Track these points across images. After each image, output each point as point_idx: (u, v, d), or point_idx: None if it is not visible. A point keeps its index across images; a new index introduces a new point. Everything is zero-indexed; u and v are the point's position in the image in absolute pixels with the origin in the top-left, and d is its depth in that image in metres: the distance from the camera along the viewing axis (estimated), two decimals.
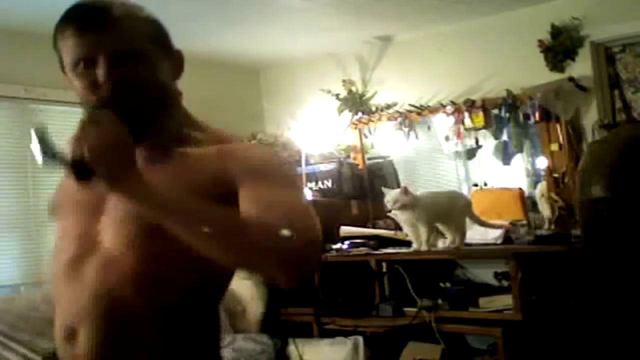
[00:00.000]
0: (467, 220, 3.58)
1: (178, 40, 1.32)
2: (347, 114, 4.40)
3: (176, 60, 1.24)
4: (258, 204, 1.06)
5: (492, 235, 3.58)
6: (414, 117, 4.14)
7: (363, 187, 4.25)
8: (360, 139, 4.38)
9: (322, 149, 4.37)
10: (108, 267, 1.12)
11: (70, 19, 1.15)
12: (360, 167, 4.33)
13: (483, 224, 3.59)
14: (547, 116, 3.65)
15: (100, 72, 1.12)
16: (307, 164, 4.20)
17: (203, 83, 4.59)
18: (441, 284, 3.60)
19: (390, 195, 3.46)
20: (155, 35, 1.20)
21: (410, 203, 3.43)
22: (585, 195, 2.96)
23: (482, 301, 3.36)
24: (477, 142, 3.97)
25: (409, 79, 4.26)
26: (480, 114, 3.87)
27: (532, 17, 3.80)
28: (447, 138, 4.04)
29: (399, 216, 3.55)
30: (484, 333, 3.35)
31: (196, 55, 4.54)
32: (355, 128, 4.39)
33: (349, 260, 3.74)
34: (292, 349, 3.53)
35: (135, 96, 1.13)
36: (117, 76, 1.12)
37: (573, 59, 3.68)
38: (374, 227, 4.03)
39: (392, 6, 3.72)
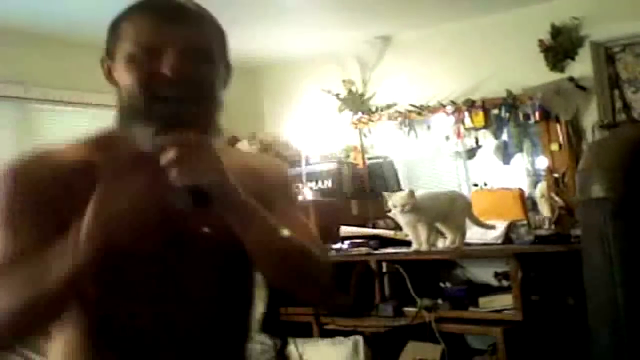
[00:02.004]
0: (467, 220, 3.59)
1: None
2: (347, 113, 4.40)
3: (228, 72, 1.20)
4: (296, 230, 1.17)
5: (492, 235, 3.58)
6: (414, 117, 4.14)
7: (363, 187, 4.25)
8: (360, 139, 4.38)
9: (322, 149, 4.37)
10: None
11: (149, 6, 1.11)
12: (360, 167, 4.33)
13: (481, 225, 3.59)
14: (547, 116, 3.65)
15: (168, 64, 1.06)
16: (307, 164, 4.20)
17: None
18: (441, 284, 3.60)
19: (397, 199, 3.46)
20: (221, 42, 1.17)
21: (417, 206, 3.44)
22: (585, 195, 2.96)
23: (482, 301, 3.36)
24: (477, 142, 3.97)
25: (409, 79, 4.26)
26: (480, 113, 3.87)
27: (532, 17, 3.80)
28: (447, 138, 4.04)
29: (400, 217, 3.54)
30: (484, 333, 3.35)
31: None
32: (355, 128, 4.39)
33: (349, 260, 3.74)
34: (292, 349, 3.53)
35: (194, 96, 1.08)
36: (184, 72, 1.06)
37: (573, 59, 3.68)
38: (374, 227, 4.02)
39: (392, 6, 3.72)
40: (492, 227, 3.59)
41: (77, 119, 4.02)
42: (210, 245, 1.12)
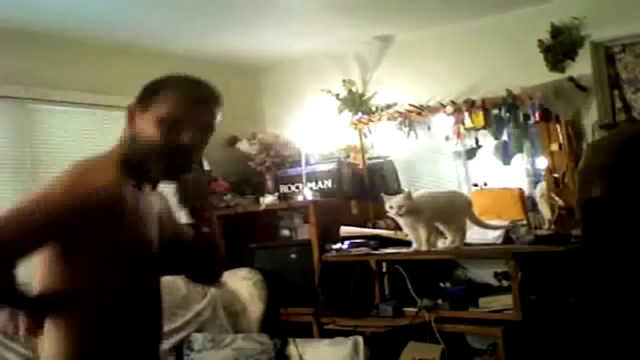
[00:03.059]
0: (467, 220, 3.59)
1: (179, 41, 1.34)
2: (347, 114, 4.40)
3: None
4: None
5: (492, 235, 3.58)
6: (414, 117, 4.14)
7: (363, 187, 4.24)
8: (360, 139, 4.38)
9: (322, 149, 4.37)
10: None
11: (188, 87, 1.61)
12: (360, 167, 4.33)
13: (482, 224, 3.59)
14: (547, 116, 3.65)
15: (186, 135, 1.56)
16: (307, 164, 4.20)
17: None
18: (441, 284, 3.60)
19: (394, 201, 3.46)
20: (219, 114, 1.66)
21: (414, 208, 3.44)
22: (585, 195, 2.96)
23: (482, 301, 3.36)
24: (477, 142, 3.97)
25: (409, 79, 4.25)
26: (480, 114, 3.87)
27: (532, 17, 3.80)
28: (447, 138, 4.04)
29: (400, 219, 3.55)
30: (484, 333, 3.35)
31: (196, 55, 4.55)
32: (355, 128, 4.39)
33: (349, 260, 3.74)
34: (292, 349, 3.54)
35: (194, 154, 1.63)
36: (194, 141, 1.58)
37: (573, 59, 3.68)
38: (374, 227, 4.02)
39: (392, 6, 3.72)
40: (492, 227, 3.59)
41: (77, 119, 4.02)
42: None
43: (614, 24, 3.57)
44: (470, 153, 4.04)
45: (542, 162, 3.78)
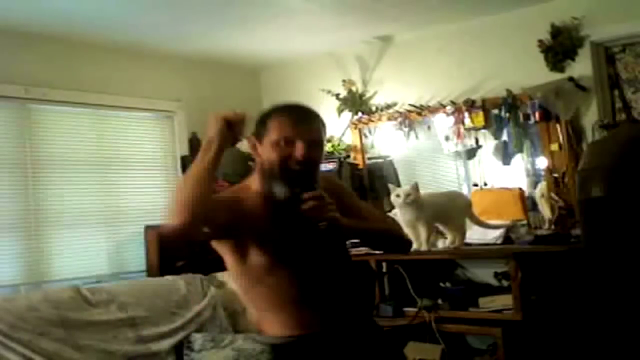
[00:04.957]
0: (467, 220, 3.59)
1: (179, 40, 1.34)
2: (347, 114, 4.40)
3: (325, 147, 1.96)
4: (371, 214, 2.05)
5: (492, 235, 3.58)
6: (414, 117, 4.14)
7: (363, 187, 4.24)
8: (360, 139, 4.38)
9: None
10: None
11: (287, 111, 1.85)
12: (360, 167, 4.33)
13: (482, 224, 3.59)
14: (547, 116, 3.65)
15: (298, 151, 1.77)
16: None
17: (203, 83, 4.59)
18: (441, 284, 3.60)
19: (402, 190, 3.48)
20: (325, 132, 1.90)
21: (418, 201, 3.45)
22: (585, 195, 2.96)
23: (482, 301, 3.36)
24: (477, 142, 3.97)
25: (409, 79, 4.26)
26: (480, 114, 3.87)
27: (532, 17, 3.80)
28: (447, 138, 4.04)
29: (401, 216, 3.55)
30: (484, 333, 3.35)
31: (196, 55, 4.55)
32: (355, 128, 4.39)
33: None
34: None
35: (310, 169, 1.81)
36: (307, 155, 1.77)
37: (573, 59, 3.68)
38: None
39: (392, 6, 3.72)
40: (493, 227, 3.59)
41: (77, 119, 4.02)
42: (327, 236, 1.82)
43: (614, 24, 3.57)
44: (470, 153, 4.04)
45: (542, 162, 3.78)
